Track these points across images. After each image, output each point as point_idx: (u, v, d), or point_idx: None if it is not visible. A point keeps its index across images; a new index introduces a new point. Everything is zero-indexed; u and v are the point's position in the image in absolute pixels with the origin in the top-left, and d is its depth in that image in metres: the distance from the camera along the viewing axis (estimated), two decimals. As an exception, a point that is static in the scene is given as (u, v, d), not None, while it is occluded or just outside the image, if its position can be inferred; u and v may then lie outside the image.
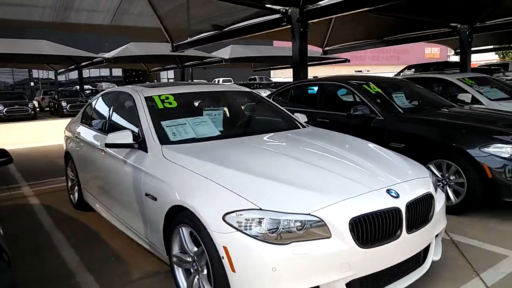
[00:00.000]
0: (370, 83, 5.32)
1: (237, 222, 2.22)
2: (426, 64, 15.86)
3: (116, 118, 4.00)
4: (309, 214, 2.20)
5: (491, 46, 17.32)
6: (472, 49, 12.29)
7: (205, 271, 2.51)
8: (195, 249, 2.56)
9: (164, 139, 3.16)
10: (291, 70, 8.88)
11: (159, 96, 3.65)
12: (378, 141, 3.58)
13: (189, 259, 2.63)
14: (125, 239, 3.72)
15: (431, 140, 4.26)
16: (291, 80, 8.68)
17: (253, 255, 2.14)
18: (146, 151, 3.11)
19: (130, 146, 3.22)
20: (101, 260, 3.48)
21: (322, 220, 2.19)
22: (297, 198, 2.30)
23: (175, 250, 2.75)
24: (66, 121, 5.88)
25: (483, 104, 6.03)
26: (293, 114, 4.05)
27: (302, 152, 2.97)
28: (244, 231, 2.19)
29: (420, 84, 6.03)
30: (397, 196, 2.41)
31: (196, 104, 3.98)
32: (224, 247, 2.22)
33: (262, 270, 2.13)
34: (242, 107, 4.27)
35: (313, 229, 2.19)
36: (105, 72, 37.03)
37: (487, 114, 4.91)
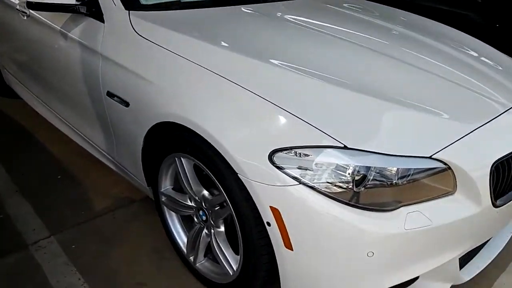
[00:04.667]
0: None
1: (299, 168, 1.23)
2: None
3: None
4: (430, 157, 1.24)
5: None
6: None
7: (223, 228, 1.58)
8: (205, 192, 1.59)
9: (130, 0, 1.88)
10: None
11: None
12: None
13: (191, 203, 1.67)
14: (73, 145, 2.62)
15: None
16: None
17: (333, 229, 1.21)
18: (102, 21, 1.86)
19: (71, 9, 1.92)
20: (42, 177, 2.42)
21: (448, 166, 1.26)
22: (403, 126, 1.32)
23: (165, 185, 1.76)
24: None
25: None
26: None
27: (375, 39, 1.86)
28: (314, 185, 1.22)
29: None
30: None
31: None
32: (274, 209, 1.26)
33: (347, 254, 1.23)
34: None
35: (430, 181, 1.26)
36: None
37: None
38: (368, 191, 1.21)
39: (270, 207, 1.26)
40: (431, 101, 1.42)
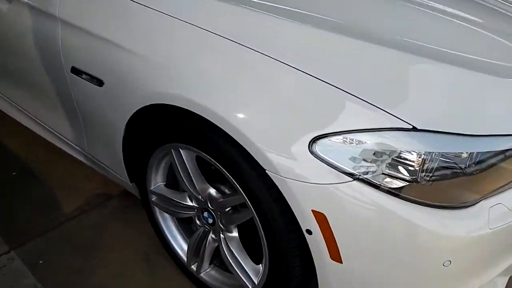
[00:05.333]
0: None
1: (352, 159, 0.93)
2: None
3: None
4: (516, 134, 0.98)
5: None
6: None
7: (236, 233, 1.28)
8: (211, 191, 1.26)
9: None
10: None
11: None
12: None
13: (192, 203, 1.35)
14: (32, 136, 2.18)
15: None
16: None
17: (398, 236, 0.94)
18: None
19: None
20: (-6, 176, 2.00)
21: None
22: (476, 95, 1.04)
23: (156, 182, 1.42)
24: None
25: None
26: None
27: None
28: (372, 180, 0.93)
29: None
30: None
31: None
32: (317, 214, 0.97)
33: (417, 266, 0.96)
34: None
35: (510, 164, 1.00)
36: None
37: None
38: (440, 183, 0.94)
39: (313, 211, 0.97)
40: (492, 60, 1.15)
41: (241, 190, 1.09)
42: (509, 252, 1.04)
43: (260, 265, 1.22)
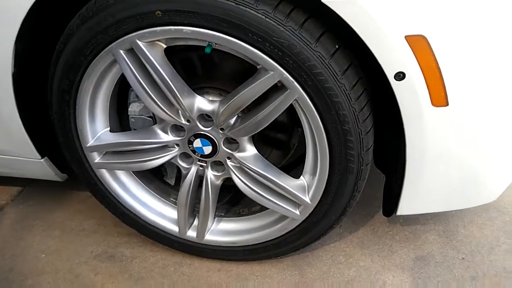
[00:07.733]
0: None
1: None
2: None
3: None
4: None
5: None
6: None
7: (253, 148, 0.87)
8: (200, 104, 0.82)
9: None
10: None
11: None
12: None
13: (170, 136, 0.89)
14: None
15: None
16: None
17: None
18: None
19: None
20: None
21: None
22: None
23: (95, 130, 0.91)
24: None
25: None
26: None
27: None
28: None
29: None
30: None
31: None
32: (415, 41, 0.65)
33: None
34: None
35: None
36: None
37: None
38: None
39: (407, 38, 0.65)
40: None
41: (273, 64, 0.70)
42: None
43: (302, 177, 0.87)
